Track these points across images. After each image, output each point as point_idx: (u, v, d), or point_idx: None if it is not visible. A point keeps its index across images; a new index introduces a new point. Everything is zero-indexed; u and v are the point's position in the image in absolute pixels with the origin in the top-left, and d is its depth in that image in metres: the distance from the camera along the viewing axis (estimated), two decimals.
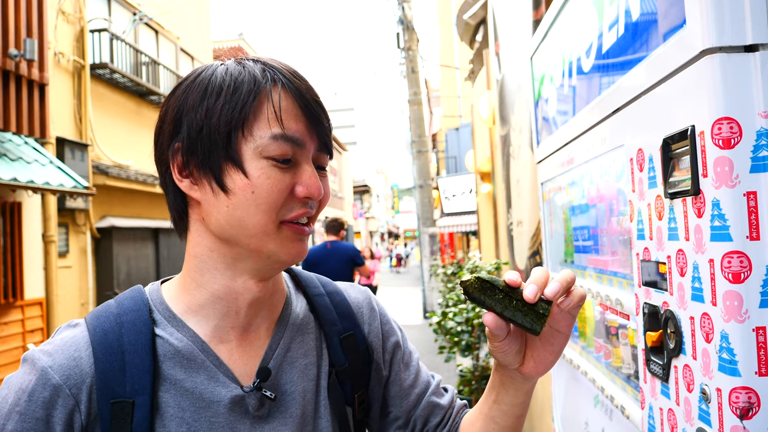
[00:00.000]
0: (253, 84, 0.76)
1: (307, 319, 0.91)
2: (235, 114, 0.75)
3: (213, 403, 0.78)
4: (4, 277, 7.08)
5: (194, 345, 0.79)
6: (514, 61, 3.88)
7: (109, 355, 0.75)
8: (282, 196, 0.76)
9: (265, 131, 0.75)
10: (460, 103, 17.75)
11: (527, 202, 3.57)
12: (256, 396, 0.80)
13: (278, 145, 0.75)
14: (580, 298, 0.76)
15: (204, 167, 0.76)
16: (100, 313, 0.80)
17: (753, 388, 0.86)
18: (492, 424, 0.90)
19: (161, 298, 0.83)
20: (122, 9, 10.40)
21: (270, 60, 0.82)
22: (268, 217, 0.76)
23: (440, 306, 6.27)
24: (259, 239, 0.77)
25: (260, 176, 0.75)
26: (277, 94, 0.76)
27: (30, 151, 7.31)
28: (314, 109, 0.79)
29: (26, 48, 6.92)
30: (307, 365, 0.88)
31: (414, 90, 13.00)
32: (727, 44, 0.88)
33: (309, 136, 0.78)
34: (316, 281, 0.98)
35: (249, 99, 0.75)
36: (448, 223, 14.96)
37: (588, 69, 1.58)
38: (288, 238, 0.78)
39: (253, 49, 19.49)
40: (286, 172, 0.77)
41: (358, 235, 43.52)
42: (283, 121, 0.76)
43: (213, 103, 0.75)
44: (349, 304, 0.97)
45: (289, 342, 0.87)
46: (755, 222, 0.86)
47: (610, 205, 1.51)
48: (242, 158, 0.75)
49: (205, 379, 0.78)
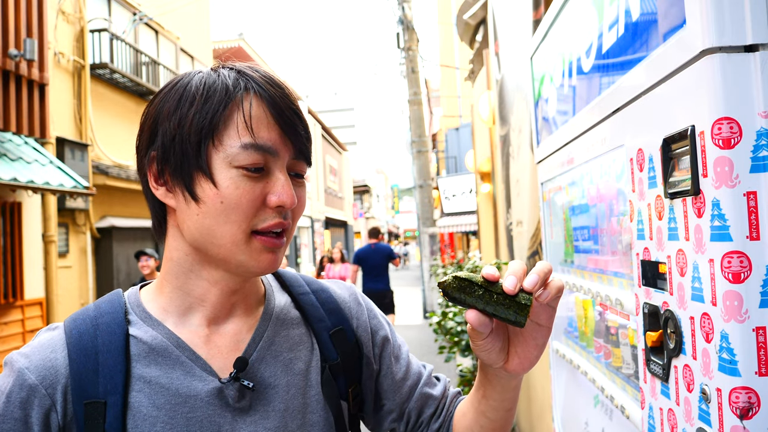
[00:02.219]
0: (225, 93, 0.76)
1: (291, 315, 0.92)
2: (206, 123, 0.75)
3: (190, 397, 0.78)
4: (4, 277, 7.08)
5: (169, 341, 0.80)
6: (514, 61, 3.88)
7: (83, 356, 0.76)
8: (253, 206, 0.75)
9: (235, 140, 0.75)
10: (460, 103, 17.76)
11: (527, 202, 3.57)
12: (234, 387, 0.80)
13: (248, 154, 0.75)
14: (557, 289, 0.75)
15: (176, 176, 0.77)
16: (77, 316, 0.81)
17: (753, 388, 0.86)
18: (482, 417, 0.91)
19: (138, 301, 0.84)
20: (122, 9, 10.41)
21: (248, 67, 0.81)
22: (238, 228, 0.75)
23: (440, 306, 6.28)
24: (228, 249, 0.77)
25: (229, 186, 0.75)
26: (248, 103, 0.76)
27: (30, 151, 7.31)
28: (288, 117, 0.78)
29: (26, 48, 6.92)
30: (292, 359, 0.87)
31: (414, 90, 13.00)
32: (727, 44, 0.88)
33: (282, 144, 0.77)
34: (300, 280, 0.99)
35: (219, 108, 0.75)
36: (448, 223, 14.96)
37: (588, 69, 1.58)
38: (257, 249, 0.77)
39: (253, 49, 19.49)
40: (258, 181, 0.76)
41: (358, 235, 43.49)
42: (254, 129, 0.75)
43: (185, 112, 0.76)
44: (335, 300, 0.97)
45: (273, 336, 0.87)
46: (755, 222, 0.86)
47: (610, 205, 1.51)
48: (212, 168, 0.75)
49: (181, 375, 0.79)
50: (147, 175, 0.80)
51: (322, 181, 29.42)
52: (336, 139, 34.42)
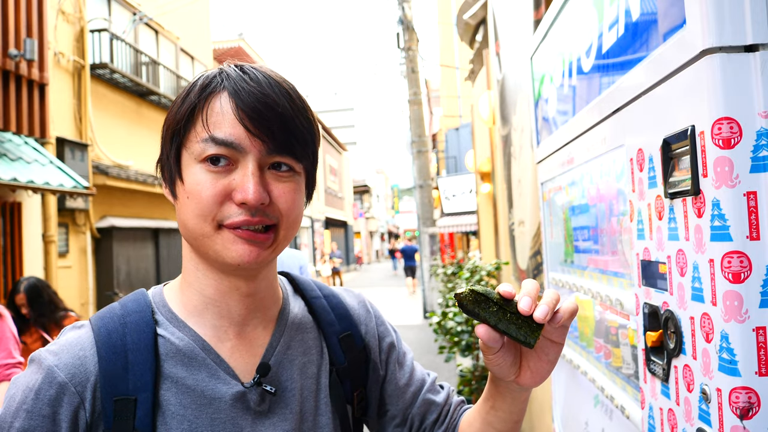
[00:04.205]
0: (197, 95, 0.78)
1: (305, 320, 0.93)
2: (178, 125, 0.79)
3: (215, 399, 0.80)
4: (4, 277, 7.08)
5: (195, 344, 0.81)
6: (514, 61, 3.88)
7: (113, 354, 0.77)
8: (215, 201, 0.76)
9: (197, 137, 0.77)
10: (460, 103, 17.75)
11: (529, 201, 3.57)
12: (256, 391, 0.82)
13: (207, 147, 0.76)
14: (570, 313, 0.76)
15: (166, 176, 0.82)
16: (104, 315, 0.82)
17: (753, 388, 0.86)
18: (490, 428, 0.91)
19: (163, 300, 0.85)
20: (122, 9, 10.40)
21: (236, 65, 0.81)
22: (203, 221, 0.76)
23: (440, 306, 6.28)
24: (201, 242, 0.78)
25: (192, 182, 0.77)
26: (218, 100, 0.77)
27: (30, 151, 7.31)
28: (258, 111, 0.76)
29: (26, 48, 6.92)
30: (306, 363, 0.89)
31: (414, 90, 12.99)
32: (727, 44, 0.88)
33: (248, 139, 0.76)
34: (312, 285, 1.00)
35: (189, 108, 0.78)
36: (448, 223, 14.96)
37: (588, 69, 1.58)
38: (229, 240, 0.77)
39: (253, 49, 19.48)
40: (221, 176, 0.76)
41: (357, 235, 43.49)
42: (214, 125, 0.76)
43: (169, 115, 0.81)
44: (345, 306, 0.99)
45: (289, 340, 0.89)
46: (755, 222, 0.86)
47: (610, 205, 1.51)
48: (182, 166, 0.79)
49: (206, 377, 0.80)
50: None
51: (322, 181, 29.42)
52: (336, 139, 34.40)
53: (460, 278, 5.76)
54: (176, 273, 0.90)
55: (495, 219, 6.15)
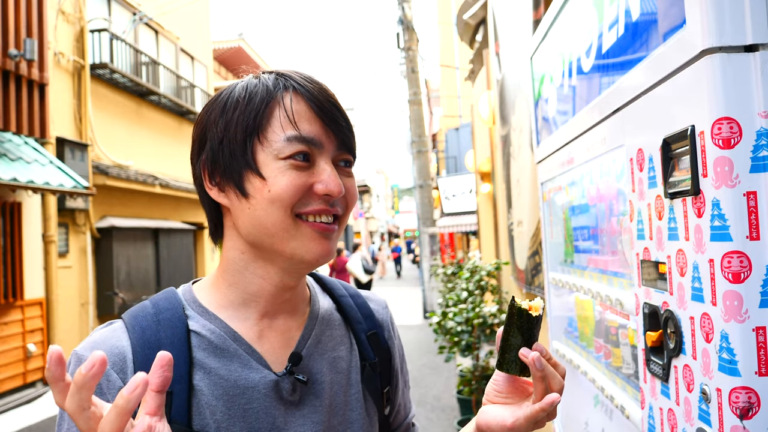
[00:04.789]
0: (266, 93, 0.80)
1: (334, 317, 0.96)
2: (250, 122, 0.79)
3: (248, 389, 0.81)
4: (4, 277, 7.08)
5: (226, 335, 0.83)
6: (514, 61, 3.88)
7: (148, 348, 0.78)
8: (298, 192, 0.78)
9: (280, 134, 0.79)
10: (460, 103, 17.75)
11: (527, 202, 3.57)
12: (289, 380, 0.84)
13: (293, 146, 0.78)
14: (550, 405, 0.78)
15: (227, 175, 0.81)
16: (137, 313, 0.83)
17: (753, 388, 0.86)
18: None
19: (194, 297, 0.87)
20: (122, 9, 10.40)
21: (287, 70, 0.85)
22: (284, 213, 0.78)
23: (440, 306, 6.27)
24: (280, 238, 0.79)
25: (277, 176, 0.78)
26: (288, 99, 0.80)
27: (30, 151, 7.31)
28: (328, 109, 0.81)
29: (26, 48, 6.92)
30: (336, 359, 0.91)
31: (414, 90, 12.99)
32: (727, 44, 0.88)
33: (326, 135, 0.81)
34: (339, 285, 1.03)
35: (262, 107, 0.80)
36: (448, 223, 14.95)
37: (588, 69, 1.58)
38: (308, 236, 0.80)
39: (253, 49, 19.46)
40: (304, 171, 0.79)
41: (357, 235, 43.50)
42: (297, 123, 0.79)
43: (230, 116, 0.81)
44: (369, 307, 1.03)
45: (320, 334, 0.91)
46: (755, 222, 0.86)
47: (610, 205, 1.51)
48: (259, 163, 0.79)
49: (238, 367, 0.81)
50: (202, 180, 0.84)
51: None
52: None
53: (460, 278, 5.76)
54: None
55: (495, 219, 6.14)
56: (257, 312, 0.86)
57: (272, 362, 0.84)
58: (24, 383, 7.37)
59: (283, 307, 0.88)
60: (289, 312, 0.89)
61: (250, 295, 0.85)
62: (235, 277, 0.85)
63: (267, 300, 0.85)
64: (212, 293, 0.87)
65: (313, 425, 0.84)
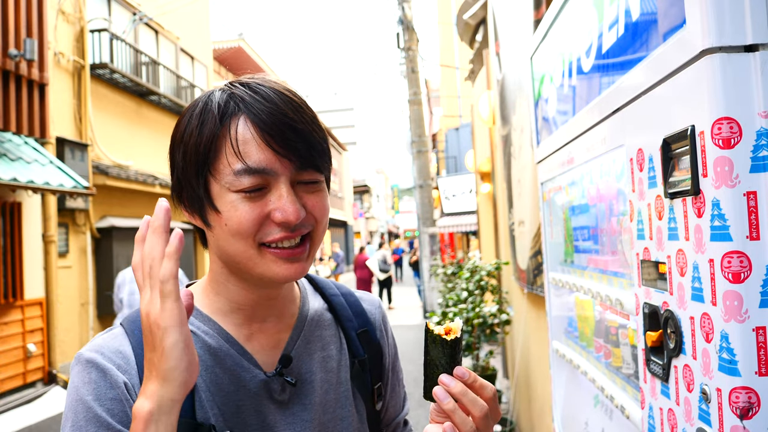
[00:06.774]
0: (213, 124, 0.77)
1: (325, 316, 0.98)
2: (200, 157, 0.78)
3: (240, 388, 0.84)
4: (4, 277, 7.08)
5: (220, 337, 0.86)
6: (514, 61, 3.88)
7: None
8: (255, 224, 0.77)
9: (228, 168, 0.77)
10: (460, 103, 17.75)
11: (529, 201, 3.57)
12: (278, 381, 0.87)
13: (243, 179, 0.76)
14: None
15: (192, 205, 0.82)
16: (135, 318, 0.85)
17: (753, 388, 0.86)
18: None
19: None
20: (122, 9, 10.40)
21: (248, 79, 0.82)
22: (246, 243, 0.78)
23: (440, 306, 6.27)
24: (245, 265, 0.80)
25: (230, 210, 0.77)
26: (235, 128, 0.77)
27: (30, 151, 7.31)
28: (282, 132, 0.77)
29: (26, 48, 6.92)
30: (326, 358, 0.93)
31: (414, 90, 12.98)
32: (727, 44, 0.88)
33: (278, 161, 0.77)
34: (331, 284, 1.05)
35: (211, 139, 0.77)
36: (448, 223, 14.95)
37: (588, 69, 1.58)
38: (273, 261, 0.79)
39: (253, 50, 19.46)
40: (258, 200, 0.77)
41: (357, 236, 43.50)
42: (244, 154, 0.76)
43: (187, 146, 0.80)
44: (361, 305, 1.04)
45: (309, 336, 0.93)
46: (755, 222, 0.86)
47: (610, 205, 1.51)
48: (213, 197, 0.79)
49: (232, 366, 0.85)
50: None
51: None
52: (336, 139, 34.36)
53: (460, 278, 5.76)
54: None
55: (495, 219, 6.14)
56: (245, 317, 0.88)
57: (263, 363, 0.87)
58: (24, 383, 7.38)
59: (271, 311, 0.90)
60: (277, 315, 0.91)
61: (235, 303, 0.87)
62: (220, 287, 0.87)
63: (252, 307, 0.87)
64: (203, 299, 0.89)
65: (303, 423, 0.87)
